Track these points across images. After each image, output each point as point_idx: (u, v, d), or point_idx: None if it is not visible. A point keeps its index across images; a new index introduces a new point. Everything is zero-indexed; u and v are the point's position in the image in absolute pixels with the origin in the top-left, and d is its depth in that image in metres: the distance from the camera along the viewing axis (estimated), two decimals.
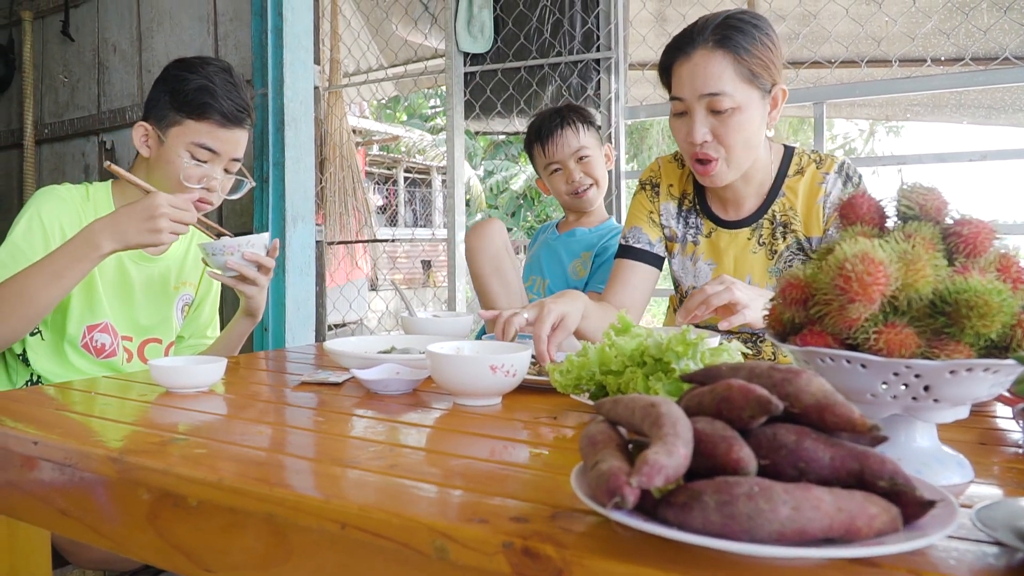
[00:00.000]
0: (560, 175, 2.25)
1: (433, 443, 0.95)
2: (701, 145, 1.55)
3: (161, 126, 1.69)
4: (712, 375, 0.68)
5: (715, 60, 1.51)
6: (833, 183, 1.63)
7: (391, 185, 16.77)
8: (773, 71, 1.55)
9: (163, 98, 1.69)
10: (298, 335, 2.89)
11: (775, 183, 1.68)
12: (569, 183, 2.23)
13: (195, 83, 1.67)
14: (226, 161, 1.72)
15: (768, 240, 1.68)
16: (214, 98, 1.66)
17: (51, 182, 3.75)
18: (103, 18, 3.59)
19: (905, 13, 3.02)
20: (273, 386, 1.35)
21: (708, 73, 1.51)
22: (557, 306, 1.40)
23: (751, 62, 1.52)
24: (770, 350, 1.72)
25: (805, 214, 1.65)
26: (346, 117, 3.68)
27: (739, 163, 1.59)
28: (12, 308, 1.47)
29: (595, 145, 2.24)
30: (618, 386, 1.00)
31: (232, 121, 1.69)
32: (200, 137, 1.67)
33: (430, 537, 0.63)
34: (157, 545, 0.84)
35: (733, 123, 1.53)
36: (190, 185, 1.67)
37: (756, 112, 1.55)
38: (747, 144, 1.57)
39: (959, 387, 0.70)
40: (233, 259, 1.60)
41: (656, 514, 0.57)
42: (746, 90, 1.52)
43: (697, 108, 1.54)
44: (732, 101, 1.51)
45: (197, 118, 1.67)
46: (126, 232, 1.48)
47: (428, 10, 3.66)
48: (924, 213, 0.77)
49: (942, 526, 0.55)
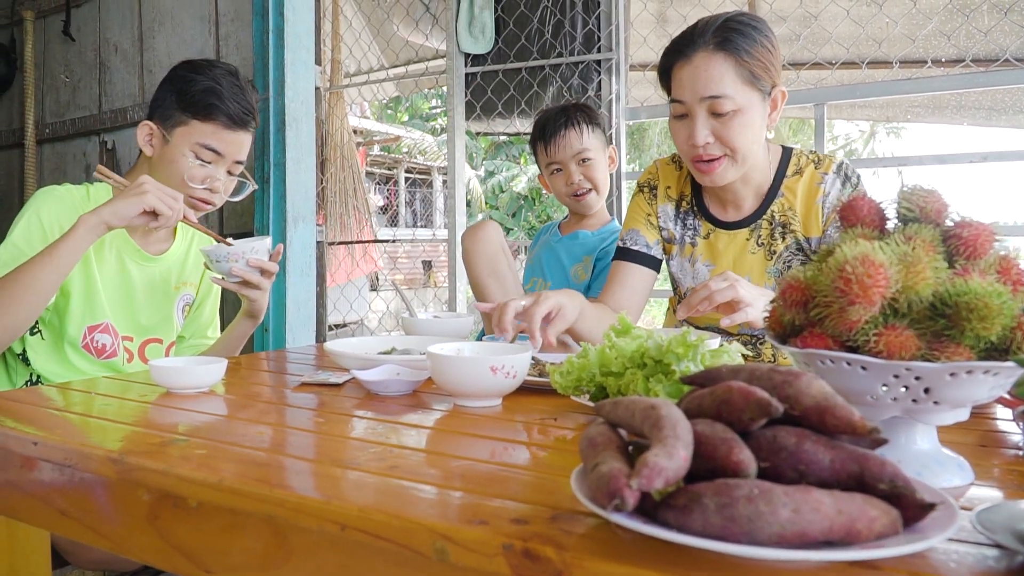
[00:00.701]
0: (560, 176, 2.25)
1: (433, 444, 0.95)
2: (703, 147, 1.55)
3: (166, 126, 1.69)
4: (712, 377, 0.68)
5: (716, 62, 1.51)
6: (832, 183, 1.63)
7: (392, 185, 16.78)
8: (773, 73, 1.55)
9: (169, 98, 1.69)
10: (298, 336, 2.89)
11: (774, 184, 1.68)
12: (568, 185, 2.23)
13: (202, 84, 1.67)
14: (229, 163, 1.73)
15: (767, 240, 1.68)
16: (221, 100, 1.67)
17: (52, 182, 3.75)
18: (104, 18, 3.59)
19: (906, 15, 3.02)
20: (273, 387, 1.35)
21: (709, 76, 1.51)
22: (555, 296, 1.41)
23: (752, 64, 1.51)
24: (770, 352, 1.72)
25: (804, 214, 1.65)
26: (347, 117, 3.68)
27: (740, 165, 1.59)
28: (12, 295, 1.47)
29: (599, 148, 2.23)
30: (618, 388, 1.01)
31: (237, 123, 1.70)
32: (205, 138, 1.68)
33: (430, 539, 0.63)
34: (157, 546, 0.84)
35: (734, 125, 1.53)
36: (193, 185, 1.68)
37: (757, 114, 1.55)
38: (750, 145, 1.57)
39: (959, 389, 0.70)
40: (238, 266, 1.61)
41: (656, 516, 0.57)
42: (747, 92, 1.52)
43: (698, 111, 1.54)
44: (733, 104, 1.51)
45: (203, 119, 1.67)
46: (116, 207, 1.50)
47: (429, 11, 3.66)
48: (924, 215, 0.77)
49: (942, 529, 0.55)
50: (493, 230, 2.18)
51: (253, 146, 1.79)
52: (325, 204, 3.60)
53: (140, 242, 1.77)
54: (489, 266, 2.12)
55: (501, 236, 2.19)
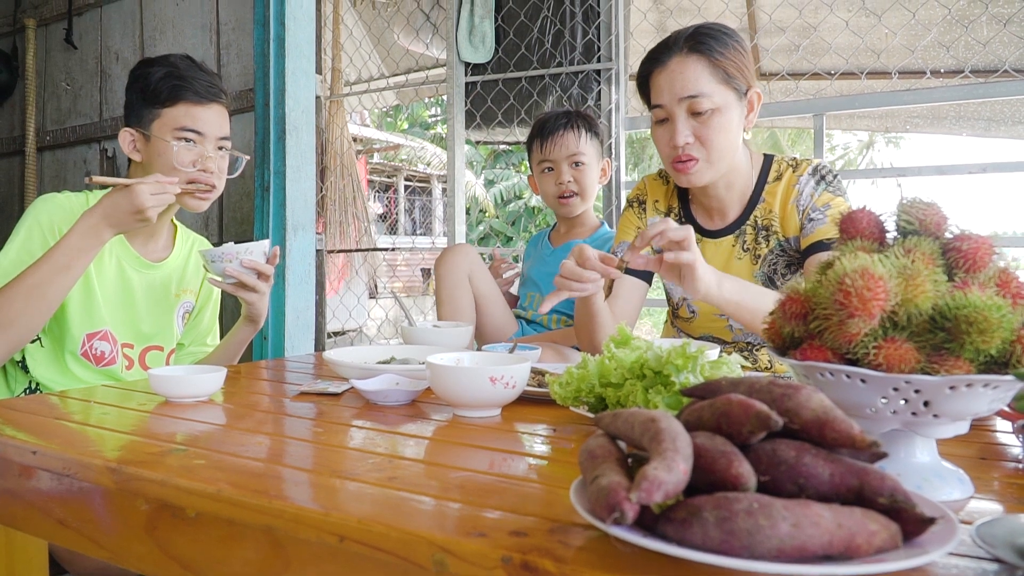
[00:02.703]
0: (551, 176, 2.25)
1: (432, 455, 0.94)
2: (683, 147, 1.59)
3: (143, 124, 1.70)
4: (712, 389, 0.68)
5: (691, 64, 1.57)
6: (806, 183, 1.67)
7: (391, 193, 16.79)
8: (747, 74, 1.62)
9: (136, 98, 1.71)
10: (297, 344, 2.89)
11: (756, 190, 1.72)
12: (557, 184, 2.23)
13: (159, 73, 1.69)
14: (214, 140, 1.72)
15: (752, 246, 1.72)
16: (182, 79, 1.68)
17: (52, 189, 3.75)
18: (106, 26, 3.60)
19: (905, 26, 3.04)
20: (272, 396, 1.35)
21: (685, 77, 1.57)
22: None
23: (725, 64, 1.58)
24: (766, 359, 1.73)
25: (782, 216, 1.69)
26: (347, 126, 3.69)
27: (718, 164, 1.63)
28: (25, 304, 1.49)
29: (593, 155, 2.24)
30: (617, 399, 1.00)
31: (205, 96, 1.70)
32: (180, 120, 1.68)
33: (429, 551, 0.63)
34: (155, 556, 0.84)
35: (714, 124, 1.58)
36: (184, 169, 1.67)
37: (734, 113, 1.61)
38: (728, 145, 1.61)
39: (959, 402, 0.70)
40: (232, 266, 1.61)
41: (655, 530, 0.57)
42: (723, 91, 1.58)
43: (677, 112, 1.59)
44: (711, 102, 1.57)
45: (171, 103, 1.68)
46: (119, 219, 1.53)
47: (430, 20, 3.68)
48: (924, 228, 0.77)
49: (942, 543, 0.55)
50: (461, 256, 2.20)
51: (253, 153, 1.79)
52: (325, 212, 3.60)
53: (140, 249, 1.77)
54: (447, 292, 2.18)
55: (470, 260, 2.20)
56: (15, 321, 1.49)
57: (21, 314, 1.49)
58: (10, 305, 1.48)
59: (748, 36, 3.64)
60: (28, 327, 1.52)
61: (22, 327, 1.51)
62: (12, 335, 1.51)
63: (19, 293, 1.49)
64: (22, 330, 1.51)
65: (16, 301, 1.49)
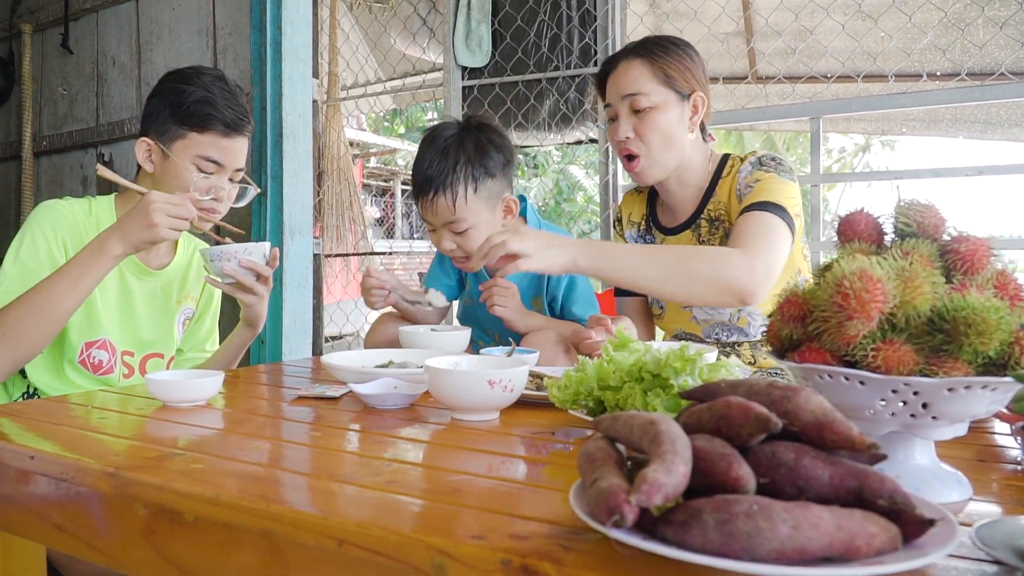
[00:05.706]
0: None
1: (431, 459, 0.94)
2: (624, 141, 1.74)
3: (164, 140, 1.68)
4: (711, 392, 0.68)
5: (633, 66, 1.74)
6: (746, 170, 1.75)
7: (388, 197, 16.79)
8: (691, 79, 1.74)
9: (163, 112, 1.69)
10: (295, 348, 2.88)
11: (710, 186, 1.81)
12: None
13: (195, 95, 1.67)
14: (231, 171, 1.73)
15: (707, 237, 1.81)
16: (215, 108, 1.67)
17: (49, 194, 3.76)
18: (102, 31, 3.60)
19: (901, 29, 3.04)
20: (270, 400, 1.35)
21: (628, 77, 1.74)
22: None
23: (665, 66, 1.72)
24: (749, 354, 1.78)
25: (728, 206, 1.77)
26: (344, 130, 3.69)
27: (661, 160, 1.74)
28: (36, 319, 1.48)
29: (658, 96, 1.99)
30: (616, 402, 1.00)
31: (234, 129, 1.70)
32: (205, 149, 1.67)
33: (428, 554, 0.63)
34: (153, 561, 0.84)
35: (650, 120, 1.72)
36: (199, 197, 1.67)
37: (674, 113, 1.73)
38: (666, 141, 1.73)
39: (957, 404, 0.71)
40: (230, 265, 1.60)
41: (655, 532, 0.57)
42: (663, 92, 1.72)
43: (621, 109, 1.75)
44: (649, 100, 1.71)
45: (200, 130, 1.67)
46: (129, 232, 1.50)
47: (426, 24, 3.68)
48: (922, 230, 0.77)
49: (941, 545, 0.55)
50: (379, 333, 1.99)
51: (250, 157, 1.79)
52: (322, 216, 3.60)
53: (141, 257, 1.76)
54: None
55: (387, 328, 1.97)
56: (25, 338, 1.49)
57: (33, 331, 1.48)
58: (20, 322, 1.48)
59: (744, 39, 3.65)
60: (37, 344, 1.51)
61: (31, 344, 1.50)
62: (19, 352, 1.51)
63: (29, 310, 1.48)
64: (30, 347, 1.51)
65: (26, 318, 1.48)
